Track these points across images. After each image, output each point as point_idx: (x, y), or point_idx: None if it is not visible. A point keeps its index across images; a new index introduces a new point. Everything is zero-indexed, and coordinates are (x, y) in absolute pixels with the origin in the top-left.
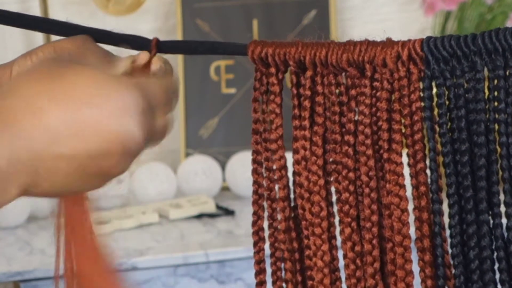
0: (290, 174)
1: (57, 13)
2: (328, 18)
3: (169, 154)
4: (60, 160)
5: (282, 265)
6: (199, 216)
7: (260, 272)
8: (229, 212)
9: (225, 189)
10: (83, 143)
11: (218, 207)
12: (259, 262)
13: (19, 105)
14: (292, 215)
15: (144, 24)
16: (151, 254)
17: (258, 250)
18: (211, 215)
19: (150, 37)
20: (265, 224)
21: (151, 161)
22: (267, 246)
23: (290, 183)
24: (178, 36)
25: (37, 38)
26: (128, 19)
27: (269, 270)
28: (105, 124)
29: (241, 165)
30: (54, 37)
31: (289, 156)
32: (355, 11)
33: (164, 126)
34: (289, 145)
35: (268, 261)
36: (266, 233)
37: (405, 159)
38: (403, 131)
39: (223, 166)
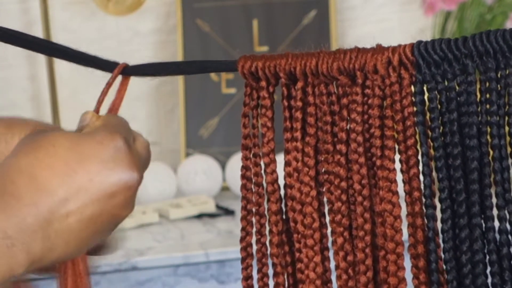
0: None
1: (57, 13)
2: (328, 18)
3: (169, 154)
4: (68, 218)
5: (269, 281)
6: (199, 216)
7: None
8: (229, 212)
9: (225, 189)
10: (86, 197)
11: (218, 207)
12: (247, 278)
13: (14, 174)
14: (285, 228)
15: (144, 24)
16: (151, 254)
17: (246, 266)
18: (211, 215)
19: (150, 37)
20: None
21: (151, 161)
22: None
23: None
24: (178, 36)
25: None
26: (128, 19)
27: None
28: (103, 177)
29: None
30: (55, 38)
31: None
32: (355, 11)
33: (144, 147)
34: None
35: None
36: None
37: (397, 165)
38: (396, 137)
39: (223, 166)
